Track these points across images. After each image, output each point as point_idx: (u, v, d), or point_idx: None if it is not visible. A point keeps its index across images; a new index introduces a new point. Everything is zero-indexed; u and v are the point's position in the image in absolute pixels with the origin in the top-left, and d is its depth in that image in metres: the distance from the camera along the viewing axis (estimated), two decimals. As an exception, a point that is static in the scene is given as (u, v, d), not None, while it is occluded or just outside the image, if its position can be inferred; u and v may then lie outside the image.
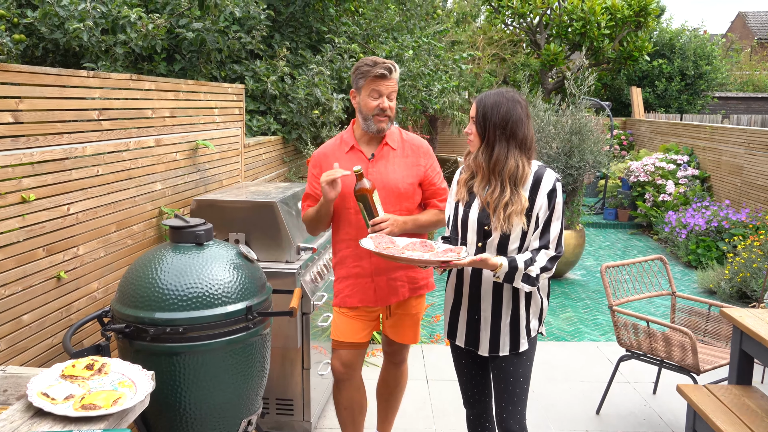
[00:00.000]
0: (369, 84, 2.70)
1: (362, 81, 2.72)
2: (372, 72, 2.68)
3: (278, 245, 3.37)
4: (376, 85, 2.70)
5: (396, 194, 2.77)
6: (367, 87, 2.71)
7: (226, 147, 4.33)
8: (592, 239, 9.47)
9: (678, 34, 17.27)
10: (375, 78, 2.69)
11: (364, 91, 2.73)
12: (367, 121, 2.76)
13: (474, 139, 2.42)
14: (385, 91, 2.71)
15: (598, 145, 6.86)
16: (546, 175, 2.39)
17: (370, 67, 2.69)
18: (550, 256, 2.36)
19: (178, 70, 5.17)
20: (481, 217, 2.40)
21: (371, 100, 2.72)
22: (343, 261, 2.87)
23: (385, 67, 2.68)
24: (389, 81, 2.70)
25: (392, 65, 2.70)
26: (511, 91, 2.42)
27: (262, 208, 3.36)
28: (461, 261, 2.27)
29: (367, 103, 2.73)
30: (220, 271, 2.48)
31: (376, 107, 2.71)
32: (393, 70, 2.69)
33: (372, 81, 2.70)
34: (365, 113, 2.75)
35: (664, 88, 16.90)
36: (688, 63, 16.80)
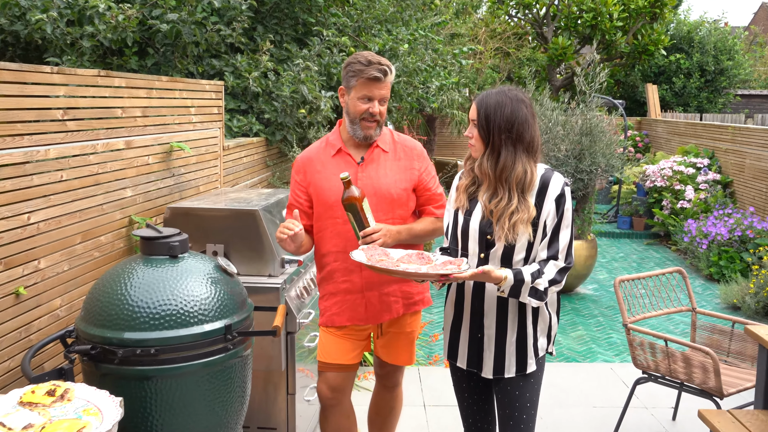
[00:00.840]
0: (361, 86, 2.70)
1: (353, 81, 2.71)
2: (365, 73, 2.67)
3: (260, 257, 3.35)
4: (368, 89, 2.69)
5: (388, 201, 2.77)
6: (358, 88, 2.71)
7: (204, 150, 4.32)
8: (605, 250, 9.49)
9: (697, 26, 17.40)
10: (368, 80, 2.68)
11: (354, 92, 2.72)
12: (354, 126, 2.75)
13: (476, 143, 2.42)
14: (378, 95, 2.70)
15: (610, 148, 6.89)
16: (553, 179, 2.39)
17: (363, 66, 2.68)
18: (559, 267, 2.36)
19: (150, 66, 5.17)
20: (483, 225, 2.40)
21: (361, 103, 2.71)
22: (331, 276, 2.86)
23: (380, 69, 2.67)
24: (383, 84, 2.69)
25: (388, 67, 2.69)
26: (514, 89, 2.42)
27: (242, 216, 3.35)
28: (462, 274, 2.27)
29: (356, 106, 2.72)
30: (197, 287, 2.47)
31: (365, 111, 2.71)
32: (388, 72, 2.68)
33: (364, 83, 2.69)
34: (352, 116, 2.74)
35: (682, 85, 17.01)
36: (708, 58, 16.92)
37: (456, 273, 2.26)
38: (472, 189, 2.50)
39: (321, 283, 2.93)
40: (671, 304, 4.24)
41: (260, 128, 5.51)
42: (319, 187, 2.79)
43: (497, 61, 15.57)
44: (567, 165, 6.85)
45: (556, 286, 2.37)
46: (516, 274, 2.31)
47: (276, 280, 3.33)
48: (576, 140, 6.87)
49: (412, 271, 2.30)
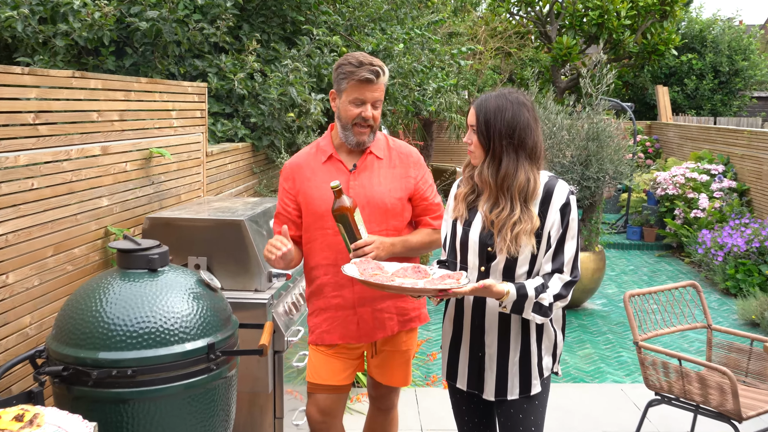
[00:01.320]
0: (352, 88, 2.70)
1: (344, 83, 2.72)
2: (356, 75, 2.68)
3: (246, 271, 3.35)
4: (359, 92, 2.70)
5: (382, 211, 2.76)
6: (349, 91, 2.71)
7: (186, 156, 4.32)
8: (614, 263, 9.51)
9: (710, 24, 17.52)
10: (359, 82, 2.68)
11: (345, 95, 2.73)
12: (346, 131, 2.76)
13: (475, 150, 2.43)
14: (370, 98, 2.71)
15: (619, 153, 6.91)
16: (558, 187, 2.40)
17: (354, 68, 2.68)
18: (564, 281, 2.36)
19: (129, 66, 5.17)
20: (484, 237, 2.40)
21: (353, 107, 2.72)
22: (320, 290, 2.86)
23: (372, 70, 2.67)
24: (376, 87, 2.70)
25: (381, 68, 2.69)
26: (514, 92, 2.43)
27: (227, 227, 3.34)
28: (461, 289, 2.26)
29: (348, 110, 2.73)
30: (177, 302, 2.46)
31: (357, 115, 2.72)
32: (381, 73, 2.68)
33: (356, 85, 2.69)
34: (344, 121, 2.75)
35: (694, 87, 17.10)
36: (722, 58, 17.03)
37: (455, 287, 2.26)
38: (472, 198, 2.50)
39: (310, 298, 2.92)
40: (685, 320, 4.24)
41: (246, 133, 5.51)
42: (308, 196, 2.79)
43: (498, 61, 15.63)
44: (573, 172, 6.87)
45: (562, 301, 2.37)
46: (519, 288, 2.31)
47: (263, 295, 3.32)
48: (582, 146, 6.89)
49: (408, 286, 2.30)
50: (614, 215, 12.32)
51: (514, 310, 2.34)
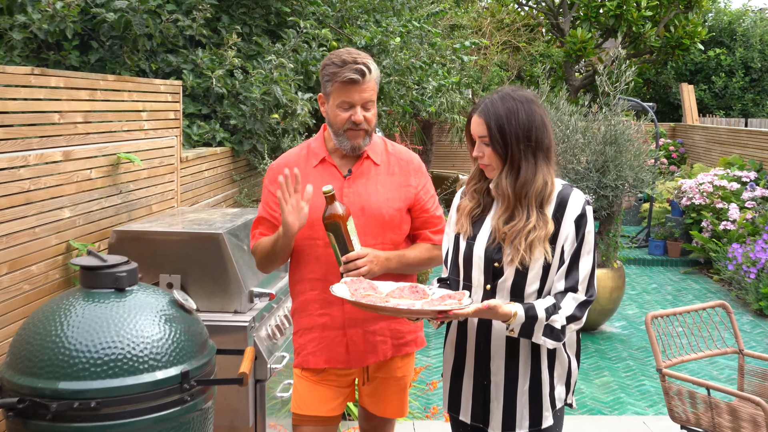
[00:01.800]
0: (337, 91, 2.70)
1: (329, 86, 2.72)
2: (339, 76, 2.67)
3: (225, 290, 3.34)
4: (346, 94, 2.69)
5: (378, 222, 2.77)
6: (335, 95, 2.71)
7: (158, 162, 4.32)
8: (635, 280, 9.52)
9: (739, 16, 17.63)
10: (343, 84, 2.68)
11: (332, 99, 2.73)
12: (339, 137, 2.76)
13: (490, 161, 2.43)
14: (359, 99, 2.70)
15: (639, 159, 6.93)
16: (573, 196, 2.40)
17: (337, 68, 2.68)
18: (579, 301, 2.36)
19: (94, 62, 5.17)
20: (490, 251, 2.41)
21: (341, 111, 2.72)
22: (306, 307, 2.85)
23: (355, 69, 2.67)
24: (364, 86, 2.69)
25: (366, 65, 2.68)
26: (517, 89, 2.45)
27: (203, 241, 3.34)
28: (463, 310, 2.26)
29: (336, 115, 2.73)
30: (147, 326, 2.45)
31: (347, 120, 2.72)
32: (367, 71, 2.68)
33: (340, 88, 2.69)
34: (335, 127, 2.75)
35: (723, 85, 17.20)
36: (754, 53, 17.13)
37: (457, 309, 2.26)
38: (477, 212, 2.50)
39: (295, 315, 2.92)
40: (714, 344, 4.24)
41: (225, 136, 5.51)
42: None
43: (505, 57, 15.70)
44: (588, 179, 6.88)
45: (576, 323, 2.37)
46: (528, 309, 2.32)
47: (243, 317, 3.31)
48: (599, 150, 6.91)
49: (404, 308, 2.29)
50: (634, 227, 12.34)
51: (523, 334, 2.34)
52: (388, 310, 2.32)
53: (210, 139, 5.45)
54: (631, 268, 10.20)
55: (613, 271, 7.18)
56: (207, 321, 3.22)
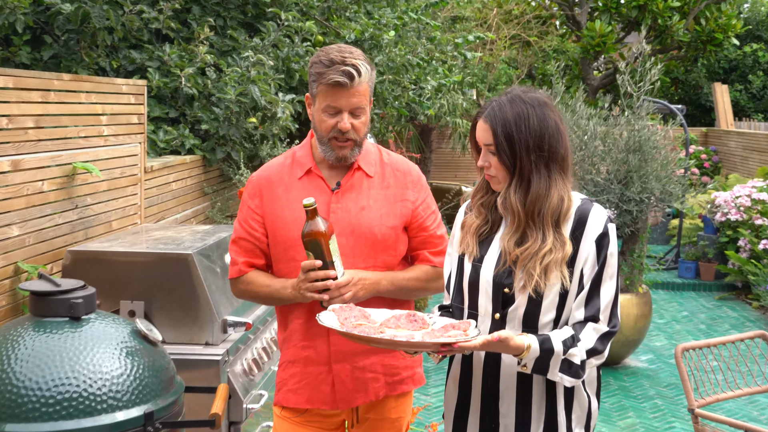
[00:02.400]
0: (323, 94, 2.70)
1: (315, 87, 2.73)
2: (325, 77, 2.67)
3: (195, 319, 3.33)
4: (332, 98, 2.69)
5: (370, 242, 2.76)
6: (321, 97, 2.71)
7: (119, 172, 4.31)
8: (663, 307, 9.53)
9: (779, 7, 17.75)
10: (329, 87, 2.68)
11: (318, 102, 2.73)
12: (323, 145, 2.77)
13: (497, 172, 2.43)
14: (346, 105, 2.70)
15: (667, 169, 6.95)
16: (593, 213, 2.41)
17: (324, 67, 2.68)
18: (601, 332, 2.36)
19: (48, 60, 5.17)
20: (500, 275, 2.40)
21: (326, 116, 2.72)
22: (289, 338, 2.84)
23: (343, 71, 2.66)
24: (353, 91, 2.68)
25: (355, 66, 2.67)
26: (529, 91, 2.45)
27: (170, 263, 3.33)
28: (469, 342, 2.26)
29: (321, 121, 2.73)
30: (107, 360, 2.44)
31: (333, 128, 2.72)
32: (356, 74, 2.66)
33: (326, 90, 2.69)
34: (319, 134, 2.76)
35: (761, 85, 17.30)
36: (795, 49, 17.24)
37: (462, 341, 2.25)
38: (485, 230, 2.50)
39: (284, 345, 2.91)
40: (753, 381, 4.25)
41: (196, 143, 5.52)
42: (279, 219, 2.78)
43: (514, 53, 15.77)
44: (609, 192, 6.90)
45: (598, 357, 2.37)
46: (542, 341, 2.31)
47: (215, 350, 3.31)
48: (621, 159, 6.93)
49: (401, 340, 2.29)
50: (662, 247, 12.36)
51: (537, 370, 2.34)
52: (383, 342, 2.31)
53: (178, 147, 5.45)
54: (659, 293, 10.21)
55: (639, 297, 7.18)
56: (174, 354, 3.21)
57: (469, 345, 2.26)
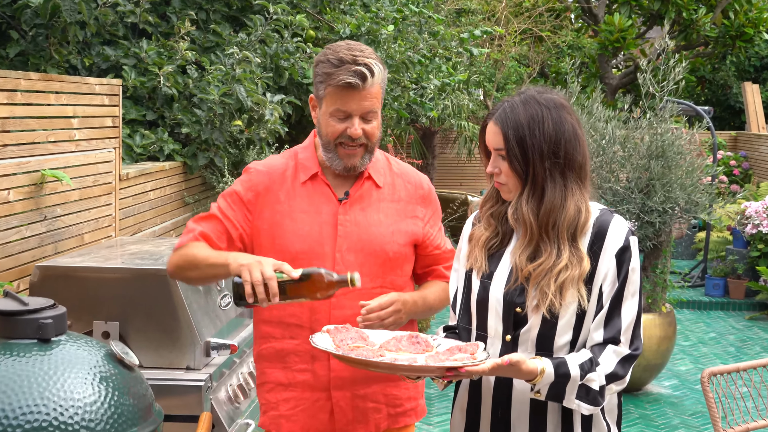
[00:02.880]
0: (331, 96, 2.69)
1: (322, 89, 2.70)
2: (334, 78, 2.65)
3: (175, 341, 3.33)
4: (341, 101, 2.68)
5: (380, 261, 2.75)
6: (329, 100, 2.70)
7: (92, 180, 4.31)
8: (688, 328, 9.53)
9: (814, 0, 17.80)
10: (339, 89, 2.67)
11: (325, 105, 2.71)
12: (329, 152, 2.75)
13: (508, 180, 2.43)
14: (357, 109, 2.69)
15: (693, 176, 6.96)
16: (613, 225, 2.41)
17: (333, 67, 2.66)
18: (622, 355, 2.36)
19: (14, 57, 5.18)
20: (511, 294, 2.40)
21: (334, 121, 2.70)
22: (283, 358, 2.80)
23: (354, 71, 2.65)
24: (364, 93, 2.68)
25: (368, 66, 2.66)
26: (544, 91, 2.45)
27: (148, 280, 3.33)
28: (477, 367, 2.25)
29: (328, 125, 2.72)
30: (78, 386, 2.44)
31: (342, 133, 2.71)
32: (369, 75, 2.66)
33: (335, 93, 2.68)
34: (325, 139, 2.74)
35: (795, 85, 17.33)
36: (832, 45, 17.29)
37: (470, 365, 2.25)
38: (495, 242, 2.50)
39: (260, 360, 2.87)
40: (787, 408, 4.24)
41: (175, 148, 5.52)
42: (278, 227, 2.74)
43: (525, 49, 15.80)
44: (629, 202, 6.91)
45: (618, 383, 2.37)
46: (558, 365, 2.31)
47: (197, 375, 3.30)
48: (642, 166, 6.94)
49: (403, 364, 2.28)
50: (687, 262, 12.36)
51: (552, 397, 2.33)
52: (383, 366, 2.31)
53: (156, 152, 5.46)
54: (684, 313, 10.21)
55: (662, 316, 7.18)
56: (153, 380, 3.20)
57: (477, 369, 2.25)
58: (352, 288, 2.52)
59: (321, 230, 2.75)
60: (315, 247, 2.73)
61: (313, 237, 2.74)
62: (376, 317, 2.60)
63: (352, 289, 2.53)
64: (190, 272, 2.75)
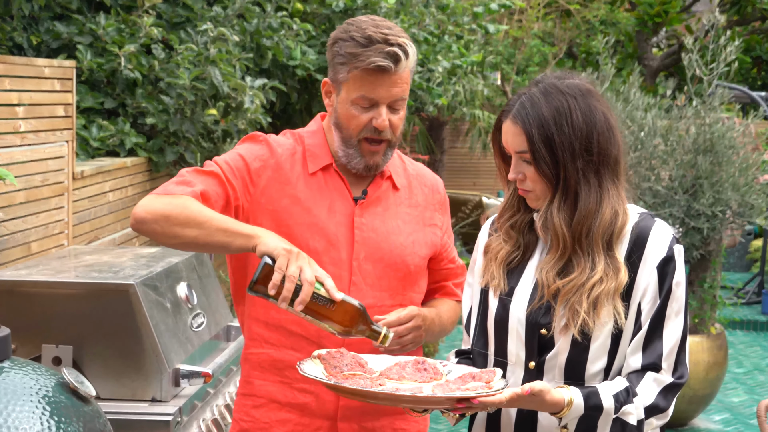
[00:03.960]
0: (357, 81, 2.67)
1: (344, 71, 2.68)
2: (362, 60, 2.64)
3: (138, 368, 3.33)
4: (369, 87, 2.66)
5: (401, 274, 2.75)
6: (353, 85, 2.68)
7: (40, 179, 4.31)
8: (742, 352, 9.52)
9: None
10: (368, 73, 2.66)
11: (346, 91, 2.69)
12: (348, 147, 2.73)
13: (534, 186, 2.41)
14: (386, 96, 2.68)
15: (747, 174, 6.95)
16: (655, 231, 2.41)
17: (360, 47, 2.64)
18: (663, 384, 2.36)
19: (-53, 33, 5.19)
20: (535, 313, 2.40)
21: (357, 111, 2.69)
22: (282, 369, 2.76)
23: (388, 53, 2.63)
24: (396, 77, 2.67)
25: (404, 47, 2.65)
26: (565, 77, 2.45)
27: (107, 296, 3.33)
28: (494, 397, 2.25)
29: (351, 117, 2.70)
30: (25, 419, 2.44)
31: (365, 126, 2.70)
32: (404, 56, 2.65)
33: (363, 77, 2.66)
34: (347, 132, 2.72)
35: None
36: None
37: (484, 395, 2.25)
38: (516, 256, 2.49)
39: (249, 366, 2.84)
40: None
41: (139, 141, 5.52)
42: (286, 213, 2.69)
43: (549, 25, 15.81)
44: (672, 204, 6.91)
45: (659, 416, 2.38)
46: (588, 396, 2.31)
47: (165, 408, 3.30)
48: (688, 162, 6.94)
49: (406, 395, 2.28)
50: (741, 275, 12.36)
51: (582, 431, 2.34)
52: (382, 397, 2.30)
53: (117, 146, 5.46)
54: (737, 334, 10.21)
55: (711, 339, 7.18)
56: (112, 413, 3.21)
57: (493, 401, 2.24)
58: (376, 346, 2.49)
59: (337, 231, 2.73)
60: (331, 250, 2.71)
61: (329, 237, 2.71)
62: (392, 331, 2.56)
63: (374, 346, 2.50)
64: (185, 229, 2.57)
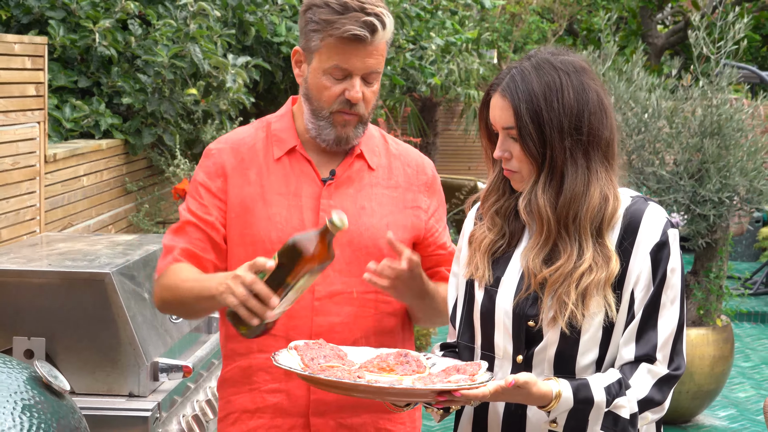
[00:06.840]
0: (329, 49, 2.69)
1: (316, 39, 2.70)
2: (337, 27, 2.66)
3: (114, 362, 3.35)
4: (342, 57, 2.68)
5: (375, 258, 2.70)
6: (325, 53, 2.70)
7: (10, 163, 4.32)
8: (749, 345, 9.53)
9: None
10: (342, 41, 2.68)
11: (318, 60, 2.72)
12: (319, 119, 2.75)
13: (520, 165, 2.40)
14: (361, 67, 2.70)
15: (755, 159, 6.95)
16: (648, 214, 2.42)
17: (335, 14, 2.67)
18: (658, 376, 2.37)
19: None
20: (522, 305, 2.42)
21: (329, 81, 2.71)
22: (248, 377, 2.77)
23: (364, 22, 2.66)
24: (371, 48, 2.70)
25: (381, 16, 2.68)
26: (559, 53, 2.45)
27: (81, 286, 3.35)
28: (478, 390, 2.24)
29: (322, 87, 2.72)
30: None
31: (338, 98, 2.72)
32: (380, 26, 2.68)
33: (336, 46, 2.68)
34: (317, 104, 2.75)
35: None
36: None
37: (467, 388, 2.24)
38: (501, 245, 2.49)
39: (225, 387, 2.87)
40: None
41: (115, 123, 5.51)
42: (249, 214, 2.71)
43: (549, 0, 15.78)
44: (677, 190, 6.90)
45: (654, 410, 2.39)
46: (578, 388, 2.31)
47: (143, 403, 3.32)
48: (694, 145, 6.93)
49: (383, 386, 2.27)
50: (749, 265, 12.36)
51: (572, 427, 2.34)
52: (361, 389, 2.28)
53: (91, 128, 5.45)
54: (744, 327, 10.20)
55: (716, 332, 7.18)
56: (87, 409, 3.21)
57: (476, 393, 2.23)
58: (342, 229, 2.44)
59: (301, 217, 2.75)
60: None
61: (291, 224, 2.73)
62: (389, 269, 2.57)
63: (338, 229, 2.44)
64: (180, 309, 2.80)
